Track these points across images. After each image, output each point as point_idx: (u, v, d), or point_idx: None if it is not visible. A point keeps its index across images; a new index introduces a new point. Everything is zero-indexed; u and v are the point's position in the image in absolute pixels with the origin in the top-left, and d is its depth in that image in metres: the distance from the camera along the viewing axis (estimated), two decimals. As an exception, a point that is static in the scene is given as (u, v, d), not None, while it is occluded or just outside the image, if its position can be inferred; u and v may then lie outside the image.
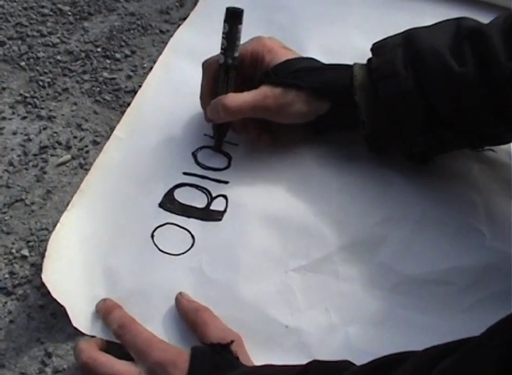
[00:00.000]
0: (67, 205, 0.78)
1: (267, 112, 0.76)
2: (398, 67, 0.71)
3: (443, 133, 0.72)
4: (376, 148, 0.78)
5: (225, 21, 0.76)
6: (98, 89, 0.92)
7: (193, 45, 0.91)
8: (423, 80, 0.70)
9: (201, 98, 0.82)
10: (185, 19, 1.01)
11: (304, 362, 0.59)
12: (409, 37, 0.72)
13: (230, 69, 0.77)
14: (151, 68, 0.93)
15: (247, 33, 0.78)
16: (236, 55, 0.77)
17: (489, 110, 0.69)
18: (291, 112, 0.76)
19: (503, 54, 0.66)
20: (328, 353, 0.63)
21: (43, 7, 1.04)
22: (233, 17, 0.76)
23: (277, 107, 0.75)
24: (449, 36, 0.70)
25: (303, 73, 0.76)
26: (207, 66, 0.80)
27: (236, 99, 0.76)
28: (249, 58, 0.79)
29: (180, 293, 0.70)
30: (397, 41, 0.73)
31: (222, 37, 0.77)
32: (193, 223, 0.76)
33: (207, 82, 0.81)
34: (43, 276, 0.71)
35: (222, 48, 0.77)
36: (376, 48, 0.75)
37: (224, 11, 0.76)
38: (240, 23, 0.76)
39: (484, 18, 0.72)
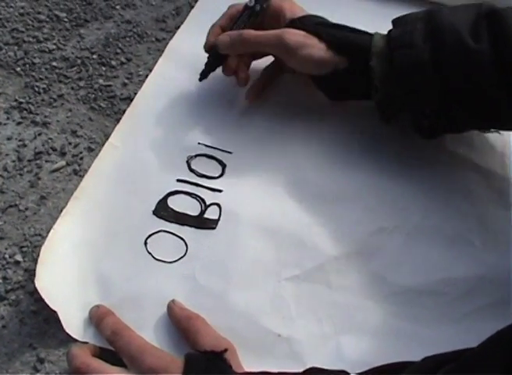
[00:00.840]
0: (61, 211, 0.78)
1: (284, 48, 0.78)
2: (416, 39, 0.72)
3: (453, 109, 0.73)
4: (386, 117, 0.79)
5: None
6: (94, 96, 0.92)
7: (187, 53, 0.91)
8: (438, 54, 0.71)
9: (212, 26, 0.84)
10: (180, 27, 1.01)
11: (295, 371, 0.60)
12: (431, 13, 0.74)
13: (253, 15, 0.80)
14: (147, 76, 0.94)
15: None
16: (265, 5, 0.80)
17: (501, 90, 0.69)
18: (308, 54, 0.77)
19: None
20: (320, 362, 0.63)
21: (39, 13, 1.04)
22: None
23: (295, 43, 0.77)
24: (470, 16, 0.71)
25: (327, 27, 0.78)
26: (232, 7, 0.84)
27: (256, 32, 0.78)
28: (272, 10, 0.82)
29: (173, 300, 0.70)
30: (419, 15, 0.75)
31: None
32: (186, 231, 0.76)
33: (225, 17, 0.84)
34: (36, 282, 0.71)
35: None
36: (397, 20, 0.77)
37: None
38: None
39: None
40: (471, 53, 0.69)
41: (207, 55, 0.84)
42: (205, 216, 0.77)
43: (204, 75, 0.85)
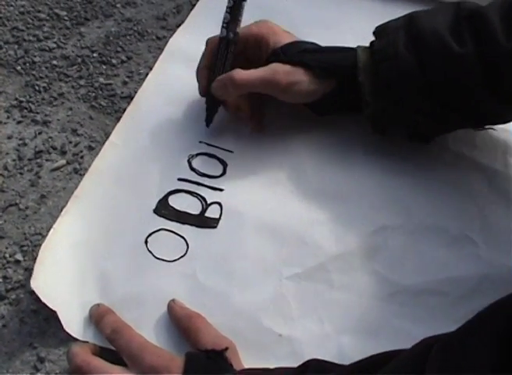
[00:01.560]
0: (61, 210, 0.78)
1: (276, 87, 0.77)
2: (399, 49, 0.72)
3: (444, 114, 0.74)
4: (380, 129, 0.79)
5: None
6: (94, 94, 0.92)
7: (188, 50, 0.91)
8: (424, 61, 0.71)
9: (198, 69, 0.83)
10: (181, 25, 1.01)
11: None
12: (410, 19, 0.74)
13: (230, 44, 0.79)
14: (147, 74, 0.93)
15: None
16: (238, 31, 0.79)
17: (488, 90, 0.70)
18: (299, 89, 0.77)
19: (502, 34, 0.67)
20: (321, 362, 0.63)
21: (39, 12, 1.04)
22: None
23: (286, 83, 0.76)
24: (449, 17, 0.71)
25: (310, 54, 0.77)
26: (209, 42, 0.82)
27: (246, 73, 0.77)
28: (253, 39, 0.81)
29: (173, 300, 0.69)
30: (399, 24, 0.74)
31: (226, 12, 0.78)
32: (187, 230, 0.76)
33: (206, 56, 0.82)
34: (32, 283, 0.71)
35: (224, 22, 0.79)
36: (378, 30, 0.77)
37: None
38: None
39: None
40: (456, 57, 0.69)
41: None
42: (206, 214, 0.77)
43: (209, 120, 0.84)
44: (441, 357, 0.45)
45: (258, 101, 0.84)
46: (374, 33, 0.77)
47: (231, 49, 0.79)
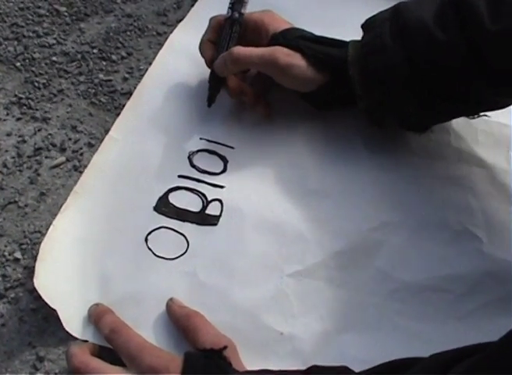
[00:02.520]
0: (60, 207, 0.77)
1: (274, 66, 0.77)
2: (386, 41, 0.72)
3: (435, 103, 0.73)
4: (376, 121, 0.79)
5: None
6: (94, 91, 0.91)
7: (189, 45, 0.90)
8: (410, 52, 0.71)
9: (201, 42, 0.84)
10: (182, 21, 1.00)
11: (297, 369, 0.59)
12: (396, 10, 0.74)
13: (235, 24, 0.80)
14: (148, 70, 0.92)
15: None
16: (243, 11, 0.79)
17: (476, 76, 0.69)
18: (296, 72, 0.77)
19: (487, 17, 0.67)
20: (322, 360, 0.62)
21: (39, 7, 1.03)
22: None
23: (285, 63, 0.76)
24: (435, 5, 0.71)
25: (307, 42, 0.78)
26: (212, 19, 0.83)
27: (246, 49, 0.78)
28: (253, 24, 0.81)
29: (171, 299, 0.69)
30: (386, 15, 0.75)
31: None
32: (188, 227, 0.76)
33: (209, 30, 0.83)
34: (35, 281, 0.70)
35: (230, 3, 0.80)
36: (367, 24, 0.77)
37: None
38: None
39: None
40: (441, 45, 0.69)
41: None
42: (207, 212, 0.77)
43: (211, 100, 0.84)
44: None
45: (261, 87, 0.85)
46: (362, 26, 0.77)
47: (236, 29, 0.80)
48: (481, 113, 0.80)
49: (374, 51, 0.73)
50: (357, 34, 0.77)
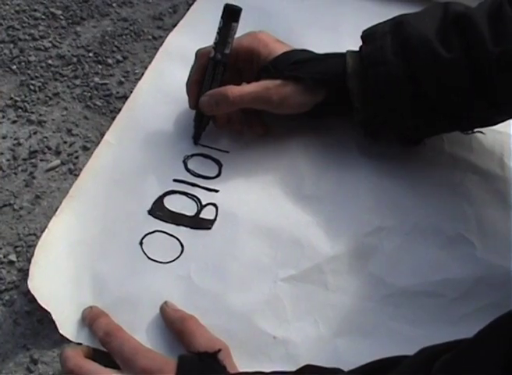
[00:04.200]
0: (56, 210, 0.77)
1: (268, 103, 0.77)
2: (387, 54, 0.72)
3: (433, 118, 0.74)
4: (371, 133, 0.79)
5: (221, 17, 0.77)
6: (89, 94, 0.91)
7: (185, 50, 0.90)
8: (412, 67, 0.71)
9: (188, 83, 0.82)
10: (177, 25, 1.00)
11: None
12: (397, 24, 0.74)
13: (218, 65, 0.78)
14: (143, 74, 0.93)
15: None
16: (227, 52, 0.78)
17: (476, 95, 0.70)
18: (291, 102, 0.77)
19: (489, 39, 0.68)
20: (316, 364, 0.63)
21: (35, 11, 1.03)
22: (230, 14, 0.77)
23: (279, 98, 0.76)
24: (437, 22, 0.72)
25: (300, 65, 0.77)
26: (199, 55, 0.81)
27: (239, 90, 0.77)
28: (244, 52, 0.80)
29: (165, 302, 0.69)
30: (386, 29, 0.74)
31: (217, 32, 0.77)
32: (182, 231, 0.76)
33: (196, 70, 0.81)
34: (29, 283, 0.70)
35: (214, 43, 0.78)
36: (366, 35, 0.77)
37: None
38: (236, 21, 0.77)
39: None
40: (444, 63, 0.70)
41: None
42: (201, 216, 0.77)
43: (196, 137, 0.84)
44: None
45: (253, 111, 0.83)
46: (361, 37, 0.77)
47: (218, 70, 0.78)
48: (476, 130, 0.81)
49: (375, 63, 0.73)
50: (350, 36, 0.77)
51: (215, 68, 0.78)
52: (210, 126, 0.84)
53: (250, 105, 0.78)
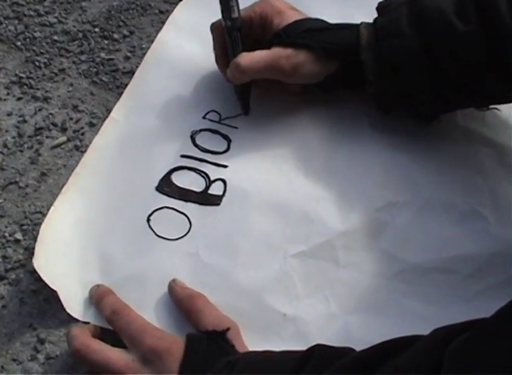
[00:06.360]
0: (62, 187, 0.77)
1: (280, 72, 0.76)
2: (403, 26, 0.71)
3: (447, 92, 0.73)
4: (383, 107, 0.78)
5: None
6: (95, 70, 0.90)
7: (191, 23, 0.89)
8: (427, 39, 0.70)
9: (216, 59, 0.82)
10: (184, -2, 0.99)
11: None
12: None
13: (232, 31, 0.77)
14: (149, 48, 0.91)
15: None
16: (234, 16, 0.76)
17: (492, 70, 0.69)
18: (303, 72, 0.76)
19: (507, 13, 0.66)
20: (326, 342, 0.61)
21: (40, -14, 1.02)
22: None
23: (290, 67, 0.75)
24: None
25: (312, 33, 0.76)
26: (214, 28, 0.80)
27: (250, 59, 0.75)
28: (258, 19, 0.79)
29: (174, 280, 0.69)
30: (402, 0, 0.73)
31: (219, 1, 0.76)
32: (190, 208, 0.75)
33: (217, 44, 0.80)
34: (34, 262, 0.70)
35: (221, 12, 0.76)
36: (382, 7, 0.75)
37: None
38: None
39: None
40: (460, 36, 0.68)
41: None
42: (210, 191, 0.76)
43: (245, 107, 0.83)
44: (458, 359, 0.44)
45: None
46: (377, 8, 0.76)
47: (236, 37, 0.77)
48: (491, 106, 0.80)
49: (389, 35, 0.72)
50: (360, 9, 0.77)
51: (230, 36, 0.77)
52: (218, 98, 0.84)
53: (263, 74, 0.76)
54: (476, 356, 0.43)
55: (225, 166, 0.78)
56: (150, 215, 0.74)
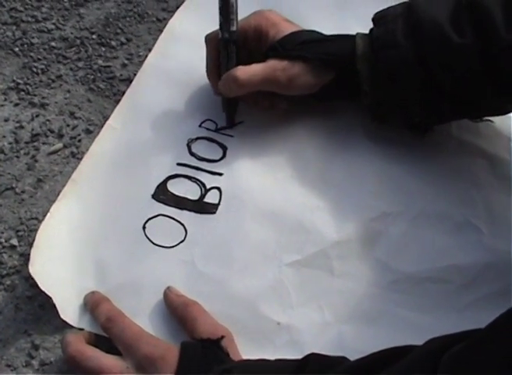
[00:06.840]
0: (58, 194, 0.77)
1: (276, 84, 0.76)
2: (398, 37, 0.71)
3: (442, 104, 0.73)
4: (379, 118, 0.78)
5: None
6: (92, 77, 0.90)
7: (189, 31, 0.89)
8: (423, 51, 0.70)
9: (207, 71, 0.82)
10: (181, 6, 0.99)
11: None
12: (409, 8, 0.73)
13: (228, 44, 0.77)
14: (147, 56, 0.91)
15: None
16: (233, 29, 0.77)
17: (487, 82, 0.69)
18: (299, 83, 0.76)
19: (503, 26, 0.66)
20: (320, 351, 0.61)
21: (38, -8, 1.02)
22: None
23: (286, 79, 0.75)
24: (449, 7, 0.70)
25: (308, 45, 0.76)
26: (208, 40, 0.80)
27: (247, 72, 0.75)
28: (252, 32, 0.79)
29: (169, 287, 0.69)
30: (398, 11, 0.73)
31: (219, 13, 0.76)
32: (186, 216, 0.75)
33: (210, 56, 0.80)
34: (30, 268, 0.70)
35: (219, 24, 0.77)
36: (377, 18, 0.75)
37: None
38: None
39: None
40: (455, 49, 0.68)
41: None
42: (205, 200, 0.76)
43: (230, 122, 0.83)
44: (453, 369, 0.44)
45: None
46: (373, 20, 0.76)
47: (231, 50, 0.77)
48: (485, 118, 0.80)
49: (385, 46, 0.72)
50: (357, 20, 0.77)
51: (226, 48, 0.77)
52: (215, 106, 0.83)
53: (260, 87, 0.76)
54: (471, 366, 0.43)
55: (220, 174, 0.78)
56: (145, 222, 0.74)
